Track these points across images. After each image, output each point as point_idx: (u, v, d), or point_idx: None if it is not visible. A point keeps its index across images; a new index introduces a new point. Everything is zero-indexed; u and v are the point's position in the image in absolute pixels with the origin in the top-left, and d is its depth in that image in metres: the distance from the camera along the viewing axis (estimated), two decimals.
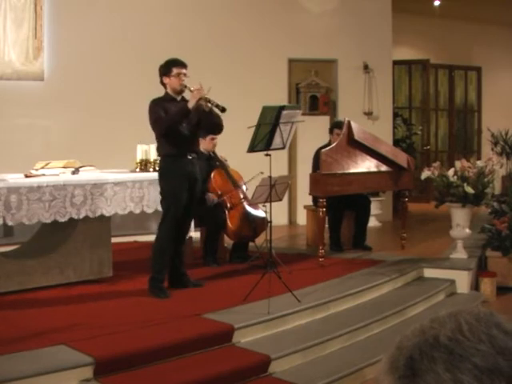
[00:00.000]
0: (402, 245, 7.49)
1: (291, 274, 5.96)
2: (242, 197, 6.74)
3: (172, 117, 5.28)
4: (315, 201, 7.10)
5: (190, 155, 5.41)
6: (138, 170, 6.30)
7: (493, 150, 11.31)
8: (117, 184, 5.76)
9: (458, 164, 6.74)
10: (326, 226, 6.93)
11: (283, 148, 5.70)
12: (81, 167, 5.90)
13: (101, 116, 8.55)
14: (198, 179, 5.56)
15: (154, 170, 6.13)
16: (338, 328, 4.99)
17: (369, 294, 5.82)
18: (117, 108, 8.57)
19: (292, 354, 4.51)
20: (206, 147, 6.58)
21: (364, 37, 9.89)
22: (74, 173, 5.73)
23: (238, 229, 6.52)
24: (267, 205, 5.61)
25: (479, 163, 6.80)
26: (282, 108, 5.49)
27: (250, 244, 6.84)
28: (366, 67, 9.99)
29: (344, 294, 5.56)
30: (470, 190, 6.46)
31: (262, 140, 5.42)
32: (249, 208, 6.66)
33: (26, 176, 5.43)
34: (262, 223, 6.49)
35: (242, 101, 8.50)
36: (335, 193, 6.79)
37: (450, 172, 6.62)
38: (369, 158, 7.07)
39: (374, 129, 8.57)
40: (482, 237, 7.44)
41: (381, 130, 9.12)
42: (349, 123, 6.93)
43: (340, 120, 7.85)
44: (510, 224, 7.06)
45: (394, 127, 11.13)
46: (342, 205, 7.28)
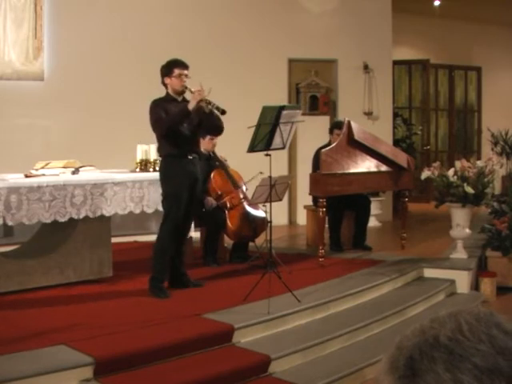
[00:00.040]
0: (402, 245, 7.49)
1: (291, 274, 5.96)
2: (241, 197, 6.73)
3: (172, 118, 5.28)
4: (315, 201, 7.10)
5: (190, 155, 5.42)
6: (138, 170, 6.30)
7: (493, 150, 11.31)
8: (117, 184, 5.76)
9: (457, 164, 6.74)
10: (326, 226, 6.93)
11: (283, 148, 5.70)
12: (81, 167, 5.90)
13: (101, 116, 8.55)
14: (199, 179, 5.56)
15: (154, 170, 6.13)
16: (338, 328, 4.99)
17: (369, 294, 5.82)
18: (117, 108, 8.57)
19: (292, 354, 4.51)
20: (205, 147, 6.57)
21: (364, 37, 9.89)
22: (74, 173, 5.73)
23: (237, 229, 6.52)
24: (267, 205, 5.61)
25: (479, 163, 6.80)
26: (282, 108, 5.48)
27: (250, 244, 6.83)
28: (366, 67, 9.99)
29: (344, 294, 5.56)
30: (469, 190, 6.46)
31: (262, 140, 5.42)
32: (249, 208, 6.65)
33: (26, 176, 5.43)
34: (262, 223, 6.49)
35: (242, 101, 8.50)
36: (335, 193, 6.79)
37: (450, 172, 6.62)
38: (369, 158, 7.07)
39: (374, 129, 8.57)
40: (482, 237, 7.44)
41: (381, 130, 9.11)
42: (349, 123, 6.93)
43: (340, 120, 7.84)
44: (510, 224, 7.06)
45: (394, 127, 11.13)
46: (342, 205, 7.28)
